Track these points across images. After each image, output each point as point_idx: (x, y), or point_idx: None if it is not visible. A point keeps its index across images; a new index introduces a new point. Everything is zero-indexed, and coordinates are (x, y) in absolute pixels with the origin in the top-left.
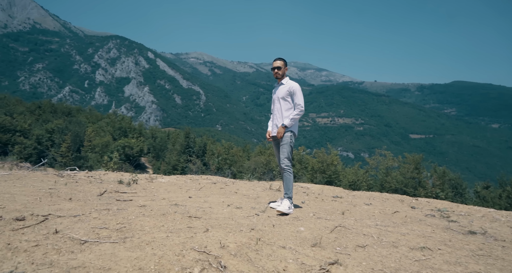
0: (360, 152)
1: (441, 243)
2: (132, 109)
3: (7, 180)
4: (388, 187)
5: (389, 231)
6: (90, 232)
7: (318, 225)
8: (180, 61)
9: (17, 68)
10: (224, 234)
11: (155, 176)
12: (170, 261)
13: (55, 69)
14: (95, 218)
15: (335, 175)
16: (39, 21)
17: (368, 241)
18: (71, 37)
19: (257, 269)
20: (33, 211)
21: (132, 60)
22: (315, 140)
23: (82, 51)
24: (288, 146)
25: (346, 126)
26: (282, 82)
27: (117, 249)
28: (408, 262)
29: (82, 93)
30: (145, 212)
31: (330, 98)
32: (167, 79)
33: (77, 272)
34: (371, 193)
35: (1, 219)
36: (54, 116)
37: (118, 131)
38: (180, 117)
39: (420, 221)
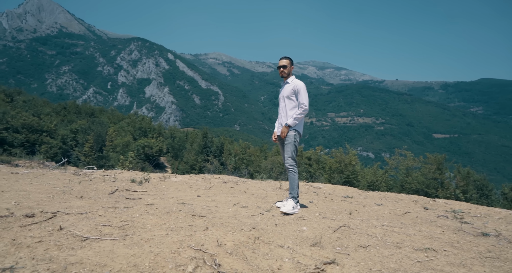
0: (380, 152)
1: (448, 244)
2: (153, 109)
3: (26, 178)
4: (409, 187)
5: (394, 232)
6: (93, 229)
7: (322, 225)
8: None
9: (45, 71)
10: (224, 232)
11: (168, 175)
12: (165, 258)
13: (80, 71)
14: (101, 216)
15: (353, 175)
16: (65, 25)
17: (371, 242)
18: (95, 40)
19: (251, 268)
20: (44, 208)
21: (153, 61)
22: (334, 140)
23: (105, 54)
24: (292, 145)
25: (366, 126)
26: (287, 81)
27: (116, 246)
28: (409, 263)
29: (106, 94)
30: (150, 210)
31: (349, 97)
32: (186, 79)
33: (74, 268)
34: (385, 194)
35: (12, 215)
36: (78, 116)
37: (138, 131)
38: (199, 117)
39: (431, 222)
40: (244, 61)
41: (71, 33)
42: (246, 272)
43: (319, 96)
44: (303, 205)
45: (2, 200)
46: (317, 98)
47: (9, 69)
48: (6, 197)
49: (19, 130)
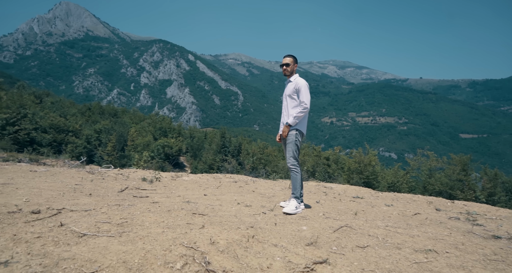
0: (403, 153)
1: (451, 246)
2: (174, 110)
3: (42, 176)
4: (432, 189)
5: (397, 233)
6: (91, 226)
7: (323, 224)
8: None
9: (72, 73)
10: (219, 231)
11: (180, 174)
12: (156, 255)
13: (104, 73)
14: (103, 213)
15: (373, 176)
16: (91, 29)
17: (371, 242)
18: (119, 42)
19: (240, 266)
20: (51, 205)
21: (174, 62)
22: (355, 140)
23: (128, 56)
24: (293, 145)
25: (388, 126)
26: (290, 79)
27: (111, 242)
28: (406, 264)
29: (129, 95)
30: (152, 208)
31: (371, 97)
32: (207, 80)
33: (65, 263)
34: (400, 195)
35: (20, 211)
36: (102, 117)
37: (159, 131)
38: (218, 117)
39: (440, 224)
40: (264, 61)
41: (97, 36)
42: (235, 270)
43: (340, 95)
44: (307, 205)
45: (14, 197)
46: (338, 98)
47: (40, 72)
48: (19, 194)
49: (47, 130)
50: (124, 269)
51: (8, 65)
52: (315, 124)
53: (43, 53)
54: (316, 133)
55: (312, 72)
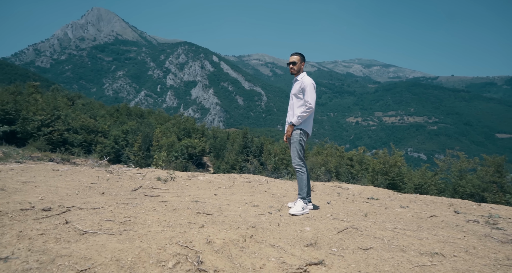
0: (434, 153)
1: (461, 249)
2: (198, 110)
3: (62, 175)
4: (462, 191)
5: (406, 235)
6: (95, 224)
7: (328, 225)
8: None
9: (103, 76)
10: (218, 230)
11: (196, 174)
12: (150, 254)
13: (133, 75)
14: (109, 211)
15: (399, 177)
16: (120, 33)
17: (375, 244)
18: (146, 45)
19: (233, 266)
20: (63, 203)
21: (199, 64)
22: (381, 140)
23: (155, 58)
24: (298, 144)
25: (417, 125)
26: (296, 78)
27: (110, 240)
28: (408, 267)
29: (155, 96)
30: (158, 207)
31: (398, 96)
32: (230, 81)
33: (61, 260)
34: (420, 196)
35: (32, 209)
36: (129, 118)
37: (183, 131)
38: (242, 117)
39: (456, 227)
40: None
41: (126, 40)
42: (227, 269)
43: (365, 94)
44: (316, 206)
45: (32, 195)
46: (363, 97)
47: (73, 75)
48: (37, 191)
49: (78, 131)
50: (116, 267)
51: (45, 69)
52: (339, 124)
53: (76, 57)
54: (341, 133)
55: (337, 71)
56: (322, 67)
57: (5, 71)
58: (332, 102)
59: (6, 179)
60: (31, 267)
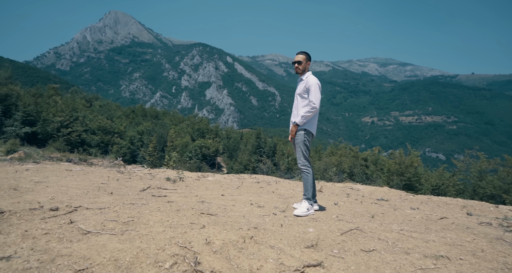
0: (453, 153)
1: (469, 253)
2: (213, 111)
3: (74, 175)
4: (482, 193)
5: (411, 237)
6: (98, 224)
7: (332, 227)
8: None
9: (119, 78)
10: (218, 231)
11: (206, 175)
12: (148, 254)
13: (148, 77)
14: (114, 211)
15: (415, 178)
16: (137, 35)
17: (378, 246)
18: (161, 47)
19: (230, 267)
20: (71, 203)
21: (213, 65)
22: (398, 140)
23: (170, 60)
24: (303, 145)
25: (435, 125)
26: (302, 77)
27: (111, 240)
28: (410, 270)
29: (170, 97)
30: (162, 208)
31: (415, 95)
32: (244, 81)
33: (61, 259)
34: (434, 198)
35: (41, 208)
36: (144, 119)
37: (197, 132)
38: (256, 118)
39: (466, 229)
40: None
41: (142, 42)
42: (223, 270)
43: (381, 94)
44: (322, 207)
45: (42, 194)
46: (379, 97)
47: (91, 77)
48: (48, 191)
49: (95, 132)
50: (113, 267)
51: (65, 72)
52: (355, 124)
53: (94, 60)
54: (356, 133)
55: (352, 70)
56: (336, 67)
57: (27, 74)
58: (347, 102)
59: (20, 179)
60: (31, 266)
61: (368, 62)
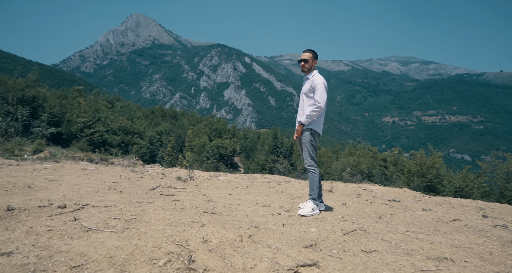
0: (479, 154)
1: (476, 255)
2: (231, 111)
3: (88, 174)
4: (510, 195)
5: (417, 239)
6: (101, 221)
7: (336, 227)
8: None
9: (140, 79)
10: (217, 230)
11: (218, 174)
12: (144, 252)
13: (168, 78)
14: (119, 209)
15: (437, 180)
16: (157, 37)
17: (381, 247)
18: (181, 48)
19: (224, 265)
20: (80, 201)
21: (231, 65)
22: (420, 140)
23: (189, 61)
24: (309, 144)
25: (461, 125)
26: (307, 76)
27: (110, 238)
28: (409, 271)
29: (189, 98)
30: (166, 206)
31: (439, 94)
32: (262, 81)
33: (59, 255)
34: (453, 200)
35: (50, 206)
36: (163, 119)
37: (214, 132)
38: (274, 118)
39: (479, 232)
40: (320, 61)
41: (162, 44)
42: (217, 269)
43: (402, 93)
44: (329, 207)
45: (54, 192)
46: (400, 96)
47: (114, 79)
48: (60, 189)
49: (116, 132)
50: (107, 263)
51: (89, 74)
52: (375, 124)
53: (117, 62)
54: (376, 134)
55: (372, 69)
56: (356, 66)
57: (54, 77)
58: (367, 102)
59: (36, 178)
60: (29, 262)
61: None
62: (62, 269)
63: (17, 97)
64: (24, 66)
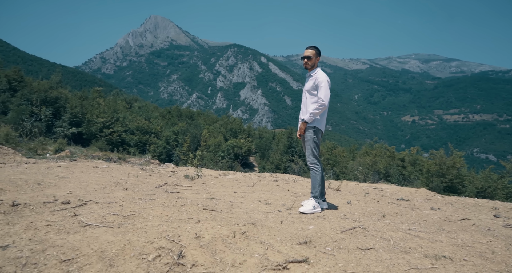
0: (506, 154)
1: (476, 254)
2: (247, 111)
3: (98, 172)
4: None
5: (418, 237)
6: (99, 217)
7: (335, 225)
8: (291, 63)
9: (158, 80)
10: (212, 226)
11: (227, 173)
12: (135, 247)
13: (185, 78)
14: (120, 206)
15: (458, 180)
16: (174, 38)
17: (378, 245)
18: (198, 49)
19: (213, 261)
20: (84, 197)
21: (247, 65)
22: (442, 140)
23: (206, 61)
24: (312, 142)
25: (485, 124)
26: (310, 73)
27: (106, 233)
28: (403, 269)
29: (206, 98)
30: (167, 203)
31: (462, 92)
32: (278, 81)
33: (52, 249)
34: (469, 200)
35: (54, 202)
36: (180, 119)
37: (229, 132)
38: (290, 118)
39: (486, 231)
40: (337, 59)
41: (179, 45)
42: (205, 264)
43: (423, 91)
44: (333, 205)
45: (62, 189)
46: (420, 94)
47: (133, 80)
48: (68, 186)
49: (134, 132)
50: (97, 258)
51: (110, 75)
52: (394, 123)
53: (136, 63)
54: (395, 133)
55: (391, 68)
56: (374, 64)
57: (77, 79)
58: (385, 101)
59: (48, 175)
60: (23, 255)
61: (408, 59)
62: (52, 263)
63: (41, 98)
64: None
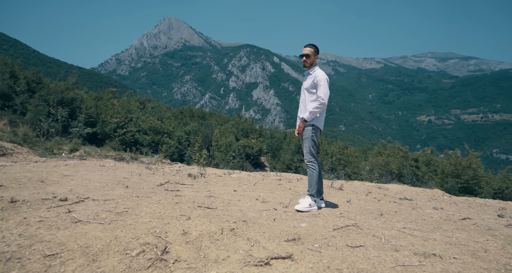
0: None
1: (468, 252)
2: (259, 111)
3: (103, 170)
4: None
5: (411, 235)
6: (92, 214)
7: (329, 223)
8: None
9: (172, 81)
10: (202, 223)
11: (232, 172)
12: (120, 242)
13: (198, 79)
14: (116, 203)
15: (474, 181)
16: (188, 39)
17: (368, 242)
18: (211, 50)
19: (197, 257)
20: (83, 195)
21: (260, 66)
22: (459, 140)
23: (219, 62)
24: (310, 140)
25: (505, 123)
26: (309, 71)
27: (95, 229)
28: (389, 266)
29: (219, 99)
30: (163, 200)
31: (480, 91)
32: (291, 81)
33: (39, 244)
34: (479, 200)
35: (52, 199)
36: (192, 119)
37: (241, 132)
38: None
39: (486, 231)
40: (350, 59)
41: (192, 46)
42: (188, 260)
43: (439, 91)
44: (331, 204)
45: (64, 187)
46: (436, 94)
47: (147, 81)
48: (70, 184)
49: (147, 132)
50: (80, 253)
51: (125, 76)
52: (409, 123)
53: (150, 64)
54: (411, 133)
55: (406, 66)
56: (389, 63)
57: (93, 80)
58: (400, 100)
59: (52, 173)
60: (9, 250)
61: (424, 57)
62: (36, 257)
63: (58, 99)
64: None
